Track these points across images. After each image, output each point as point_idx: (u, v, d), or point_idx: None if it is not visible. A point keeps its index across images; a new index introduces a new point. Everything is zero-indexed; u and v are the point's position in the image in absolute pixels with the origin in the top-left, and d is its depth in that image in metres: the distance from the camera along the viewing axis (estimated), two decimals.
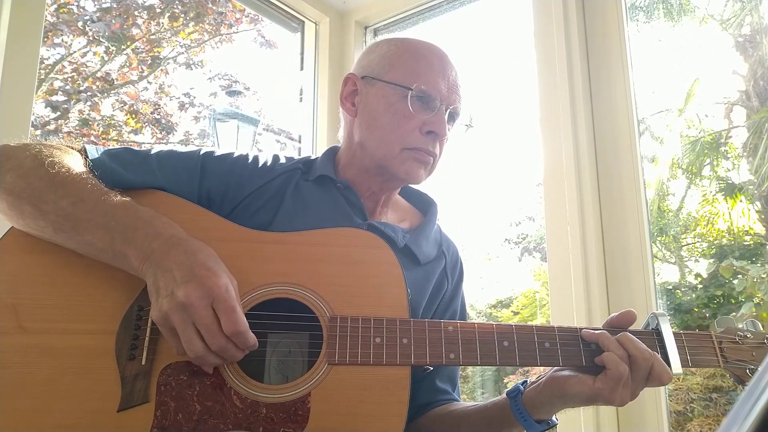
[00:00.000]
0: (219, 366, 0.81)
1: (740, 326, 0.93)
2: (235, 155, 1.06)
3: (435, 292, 1.09)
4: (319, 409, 0.80)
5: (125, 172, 0.94)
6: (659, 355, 0.85)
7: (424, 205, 1.21)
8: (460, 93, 1.08)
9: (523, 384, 0.92)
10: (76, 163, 0.90)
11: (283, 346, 0.89)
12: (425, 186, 1.17)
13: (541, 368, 0.95)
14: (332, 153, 1.16)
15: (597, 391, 0.83)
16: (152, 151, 0.99)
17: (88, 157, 0.94)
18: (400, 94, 1.03)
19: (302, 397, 0.80)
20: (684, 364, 0.86)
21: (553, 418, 0.91)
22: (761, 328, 0.92)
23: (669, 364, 0.85)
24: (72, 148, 0.95)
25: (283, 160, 1.10)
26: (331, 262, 0.89)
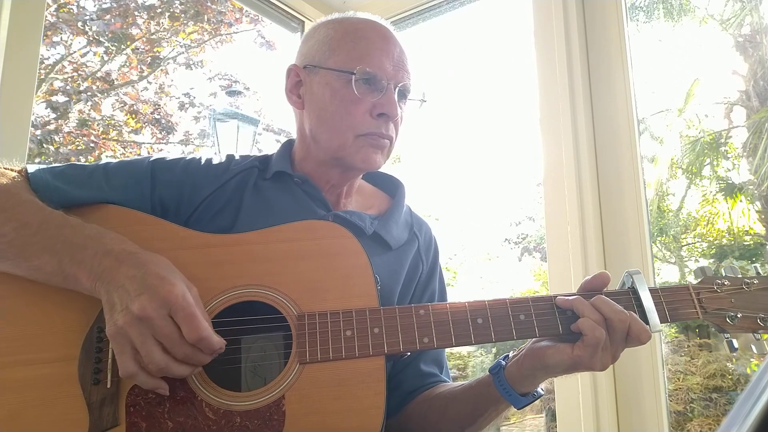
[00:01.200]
0: (188, 377, 0.77)
1: (718, 274, 0.90)
2: (187, 158, 1.02)
3: (410, 275, 1.06)
4: (295, 411, 0.77)
5: (71, 188, 0.90)
6: (636, 315, 0.82)
7: (391, 188, 1.16)
8: (408, 68, 1.03)
9: (504, 359, 0.90)
10: (16, 186, 0.87)
11: (256, 349, 0.87)
12: (409, 172, 1.14)
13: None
14: (288, 147, 1.12)
15: (577, 359, 0.81)
16: (100, 164, 0.96)
17: (29, 178, 0.90)
18: (344, 80, 0.98)
19: (276, 400, 0.78)
20: (663, 320, 0.84)
21: (539, 389, 0.90)
22: (739, 273, 0.89)
23: (647, 323, 0.83)
24: (12, 170, 0.91)
25: (238, 158, 1.07)
26: (295, 257, 0.86)
